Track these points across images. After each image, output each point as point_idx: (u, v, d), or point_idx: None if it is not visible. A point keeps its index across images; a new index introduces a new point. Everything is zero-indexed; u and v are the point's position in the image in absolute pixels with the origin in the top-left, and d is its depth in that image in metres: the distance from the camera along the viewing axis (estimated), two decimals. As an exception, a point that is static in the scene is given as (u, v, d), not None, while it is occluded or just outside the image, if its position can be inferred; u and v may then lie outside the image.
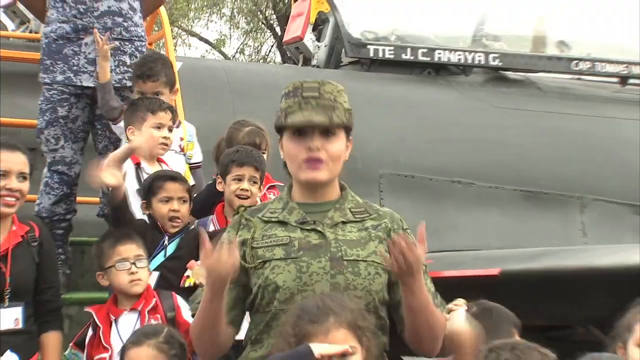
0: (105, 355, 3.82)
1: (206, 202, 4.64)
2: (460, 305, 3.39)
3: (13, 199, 3.98)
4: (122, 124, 4.86)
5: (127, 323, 3.81)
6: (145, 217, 4.47)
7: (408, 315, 2.95)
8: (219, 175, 4.55)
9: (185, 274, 4.19)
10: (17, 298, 3.95)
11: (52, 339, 4.04)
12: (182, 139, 5.08)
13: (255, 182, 4.39)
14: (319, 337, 2.59)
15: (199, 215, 4.66)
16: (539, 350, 2.79)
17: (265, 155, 4.74)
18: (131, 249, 3.97)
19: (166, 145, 4.70)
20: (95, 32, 4.92)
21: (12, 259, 3.95)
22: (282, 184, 3.27)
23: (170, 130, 4.70)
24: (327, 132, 2.99)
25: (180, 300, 3.93)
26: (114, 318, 3.92)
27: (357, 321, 2.66)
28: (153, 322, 3.79)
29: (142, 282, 3.94)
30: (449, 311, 3.35)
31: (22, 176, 4.01)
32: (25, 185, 4.02)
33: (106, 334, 3.91)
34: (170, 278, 4.14)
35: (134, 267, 3.92)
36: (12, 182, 3.96)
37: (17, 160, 4.00)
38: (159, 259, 4.28)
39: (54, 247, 4.41)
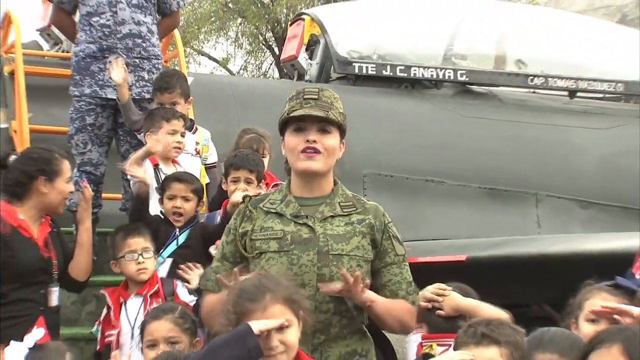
0: (114, 332, 3.84)
1: (219, 199, 4.60)
2: (445, 289, 3.38)
3: None
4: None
5: (134, 305, 3.83)
6: (161, 212, 4.45)
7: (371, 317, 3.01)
8: (222, 176, 4.53)
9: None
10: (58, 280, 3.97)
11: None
12: (197, 143, 5.04)
13: (250, 182, 4.34)
14: (257, 314, 2.52)
15: (214, 210, 4.66)
16: (510, 325, 2.79)
17: (267, 158, 4.75)
18: (139, 242, 3.98)
19: (179, 148, 4.67)
20: (113, 61, 4.87)
21: (52, 245, 3.94)
22: (284, 183, 3.24)
23: (182, 135, 4.66)
24: (323, 129, 2.97)
25: (179, 287, 3.97)
26: (123, 300, 3.93)
27: (291, 296, 2.59)
28: (155, 304, 3.78)
29: (147, 271, 3.95)
30: (429, 300, 3.35)
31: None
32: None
33: (116, 313, 3.93)
34: (182, 264, 4.07)
35: (141, 258, 3.93)
36: None
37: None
38: (172, 247, 4.28)
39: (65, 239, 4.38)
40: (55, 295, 3.91)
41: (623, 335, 2.49)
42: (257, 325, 2.47)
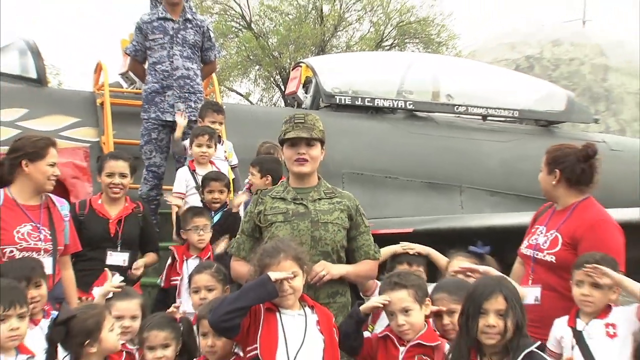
0: (177, 278, 3.80)
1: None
2: (411, 248, 3.43)
3: (117, 189, 3.89)
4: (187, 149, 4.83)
5: (192, 264, 3.74)
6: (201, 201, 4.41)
7: None
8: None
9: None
10: (126, 247, 3.88)
11: (149, 255, 4.05)
12: (225, 151, 4.98)
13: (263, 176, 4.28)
14: (274, 267, 2.56)
15: None
16: (414, 274, 2.91)
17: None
18: (201, 221, 3.93)
19: (205, 156, 4.59)
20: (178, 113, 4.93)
21: (124, 223, 3.87)
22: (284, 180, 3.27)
23: (208, 147, 4.58)
24: (309, 143, 3.01)
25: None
26: (186, 258, 3.88)
27: (298, 254, 2.63)
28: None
29: (204, 241, 3.91)
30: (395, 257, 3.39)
31: (122, 175, 3.91)
32: (125, 181, 3.94)
33: (180, 265, 3.89)
34: (217, 235, 4.01)
35: (201, 232, 3.89)
36: (115, 179, 3.88)
37: (119, 165, 3.92)
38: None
39: (152, 218, 4.37)
40: (116, 258, 3.83)
41: (499, 283, 2.54)
42: (274, 275, 2.50)
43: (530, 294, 3.01)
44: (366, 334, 2.77)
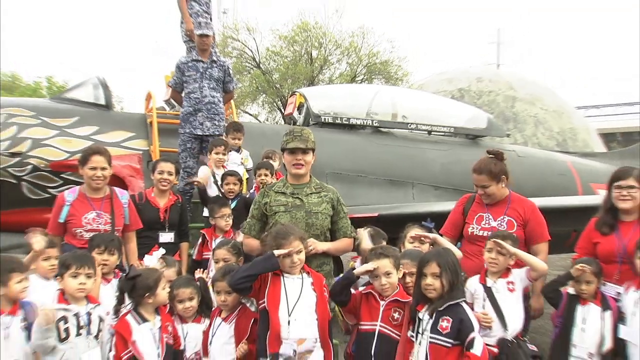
0: (209, 253, 3.73)
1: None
2: (365, 230, 3.32)
3: (165, 183, 3.86)
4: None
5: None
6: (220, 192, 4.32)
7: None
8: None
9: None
10: (171, 229, 3.87)
11: (184, 245, 3.94)
12: (242, 158, 4.92)
13: (269, 175, 4.29)
14: (285, 245, 2.52)
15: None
16: (392, 247, 2.83)
17: (277, 162, 4.62)
18: (226, 211, 3.87)
19: (220, 161, 4.51)
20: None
21: (169, 211, 3.85)
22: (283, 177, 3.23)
23: (223, 154, 4.52)
24: (304, 152, 2.92)
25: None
26: (214, 238, 3.82)
27: (301, 236, 2.63)
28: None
29: (229, 226, 3.85)
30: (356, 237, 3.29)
31: (169, 173, 3.87)
32: (172, 178, 3.90)
33: (210, 243, 3.81)
34: (235, 220, 3.96)
35: (226, 219, 3.83)
36: (164, 175, 3.85)
37: (167, 166, 3.90)
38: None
39: (186, 207, 4.30)
40: (165, 237, 3.77)
41: (436, 253, 2.55)
42: (277, 252, 2.50)
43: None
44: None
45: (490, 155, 3.27)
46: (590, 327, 2.81)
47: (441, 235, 3.20)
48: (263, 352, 2.42)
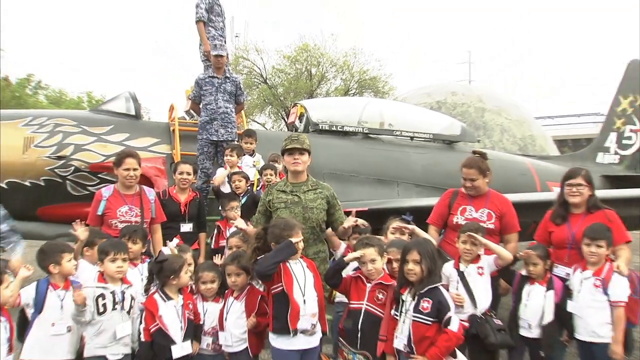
0: (224, 241, 3.71)
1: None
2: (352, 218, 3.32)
3: (185, 181, 3.86)
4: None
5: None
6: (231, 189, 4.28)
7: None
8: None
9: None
10: (191, 220, 3.86)
11: (202, 235, 3.91)
12: (254, 160, 4.89)
13: (273, 174, 4.28)
14: (292, 235, 2.53)
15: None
16: (377, 237, 2.78)
17: (280, 164, 4.59)
18: (235, 204, 3.85)
19: (232, 162, 4.48)
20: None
21: (189, 206, 3.82)
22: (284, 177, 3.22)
23: (231, 156, 4.49)
24: (301, 152, 2.91)
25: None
26: (228, 228, 3.78)
27: (302, 227, 2.64)
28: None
29: (238, 216, 3.74)
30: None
31: (188, 173, 3.86)
32: (190, 177, 3.90)
33: (224, 233, 3.80)
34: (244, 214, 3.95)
35: (236, 211, 3.78)
36: (184, 175, 3.83)
37: (187, 167, 3.89)
38: (238, 205, 4.13)
39: (204, 202, 4.25)
40: (185, 227, 3.76)
41: (417, 243, 2.55)
42: (294, 240, 2.51)
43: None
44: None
45: (477, 155, 3.31)
46: (532, 302, 2.86)
47: (428, 224, 3.22)
48: (284, 329, 2.42)
